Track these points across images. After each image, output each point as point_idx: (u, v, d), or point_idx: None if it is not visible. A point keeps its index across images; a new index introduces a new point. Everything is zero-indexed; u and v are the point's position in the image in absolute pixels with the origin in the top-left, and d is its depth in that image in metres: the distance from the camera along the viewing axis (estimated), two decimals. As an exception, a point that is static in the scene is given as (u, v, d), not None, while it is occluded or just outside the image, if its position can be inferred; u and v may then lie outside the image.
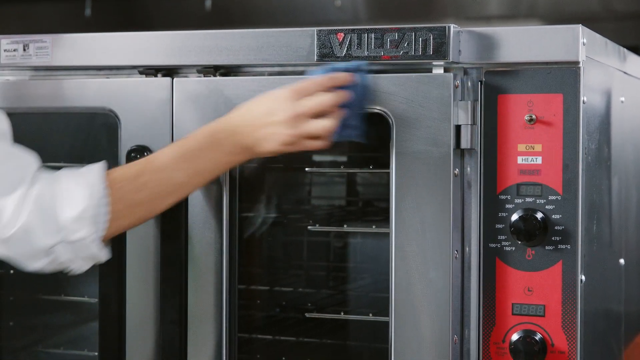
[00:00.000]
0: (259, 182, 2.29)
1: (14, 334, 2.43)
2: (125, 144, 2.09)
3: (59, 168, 2.40)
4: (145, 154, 2.06)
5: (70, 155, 2.39)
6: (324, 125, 1.85)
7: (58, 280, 2.43)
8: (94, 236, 1.78)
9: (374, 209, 2.31)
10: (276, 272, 2.33)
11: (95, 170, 1.82)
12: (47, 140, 2.41)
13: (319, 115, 1.85)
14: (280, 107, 1.84)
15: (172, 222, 2.00)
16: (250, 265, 2.26)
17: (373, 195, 2.35)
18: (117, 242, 2.01)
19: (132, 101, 2.09)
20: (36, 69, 2.19)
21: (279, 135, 1.84)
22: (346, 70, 1.89)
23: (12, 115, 2.34)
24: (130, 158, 2.06)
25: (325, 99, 1.85)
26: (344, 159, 2.34)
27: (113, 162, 2.11)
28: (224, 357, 2.06)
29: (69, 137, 2.40)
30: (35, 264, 1.79)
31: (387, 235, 1.94)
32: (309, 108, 1.84)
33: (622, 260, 2.19)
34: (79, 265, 1.81)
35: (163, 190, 1.85)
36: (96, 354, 2.12)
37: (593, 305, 1.94)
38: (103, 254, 1.83)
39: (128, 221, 1.84)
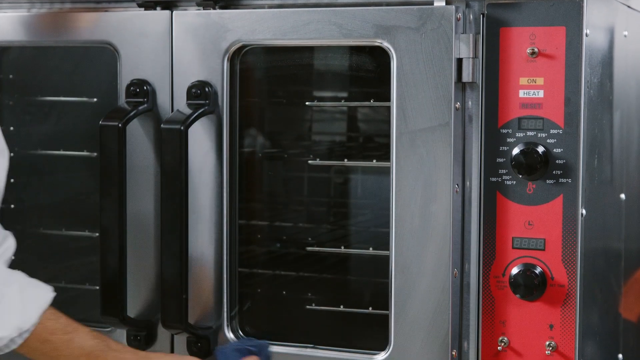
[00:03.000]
0: (259, 117, 2.28)
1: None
2: (125, 77, 2.08)
3: (59, 104, 2.40)
4: (145, 87, 2.05)
5: (70, 90, 2.38)
6: None
7: (59, 214, 2.44)
8: (7, 346, 1.84)
9: (375, 145, 2.30)
10: (276, 207, 2.33)
11: (39, 305, 1.87)
12: (47, 75, 2.40)
13: None
14: None
15: (172, 157, 2.00)
16: (251, 201, 2.26)
17: (374, 131, 2.34)
18: (117, 176, 2.01)
19: (131, 34, 2.07)
20: (34, 1, 2.17)
21: None
22: (250, 351, 1.98)
23: (10, 49, 2.34)
24: (129, 92, 2.05)
25: None
26: (344, 94, 2.33)
27: (113, 96, 2.11)
28: (225, 291, 2.07)
29: (68, 71, 2.38)
30: None
31: (388, 170, 1.93)
32: None
33: (622, 195, 2.19)
34: None
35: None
36: (97, 288, 2.13)
37: (593, 240, 1.94)
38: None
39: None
